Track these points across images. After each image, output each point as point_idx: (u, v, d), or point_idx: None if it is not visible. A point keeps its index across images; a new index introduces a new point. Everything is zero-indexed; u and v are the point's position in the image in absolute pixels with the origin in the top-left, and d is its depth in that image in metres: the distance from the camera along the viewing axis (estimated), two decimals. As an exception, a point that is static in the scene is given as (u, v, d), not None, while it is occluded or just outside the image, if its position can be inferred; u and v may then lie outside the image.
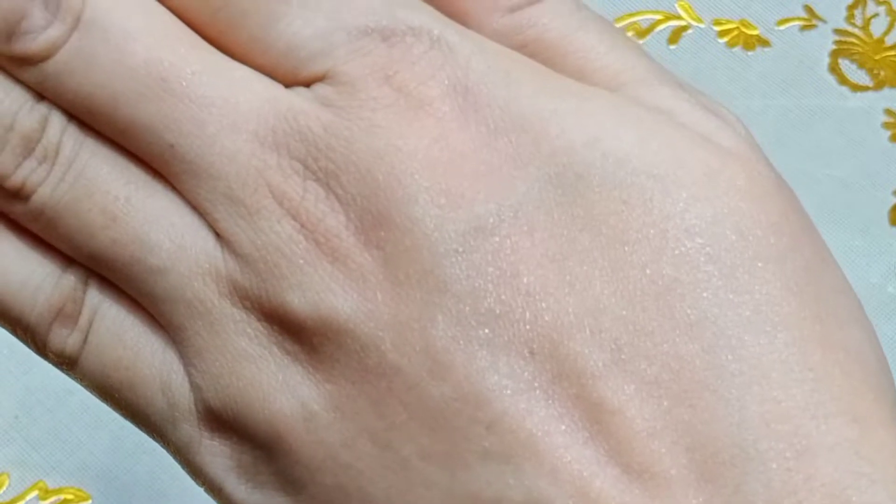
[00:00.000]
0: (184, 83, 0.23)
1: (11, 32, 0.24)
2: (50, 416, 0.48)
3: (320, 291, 0.22)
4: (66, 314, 0.25)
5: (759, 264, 0.22)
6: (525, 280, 0.22)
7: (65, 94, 0.24)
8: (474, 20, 0.24)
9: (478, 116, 0.23)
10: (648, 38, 0.48)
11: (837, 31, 0.48)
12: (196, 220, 0.23)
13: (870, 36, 0.48)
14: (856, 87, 0.47)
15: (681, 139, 0.22)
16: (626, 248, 0.22)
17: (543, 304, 0.22)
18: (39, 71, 0.24)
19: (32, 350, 0.25)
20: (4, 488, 0.47)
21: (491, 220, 0.22)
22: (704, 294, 0.21)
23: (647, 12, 0.48)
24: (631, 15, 0.48)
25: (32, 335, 0.25)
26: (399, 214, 0.22)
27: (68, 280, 0.25)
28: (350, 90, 0.23)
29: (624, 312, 0.22)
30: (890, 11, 0.48)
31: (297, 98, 0.23)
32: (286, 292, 0.23)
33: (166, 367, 0.24)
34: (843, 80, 0.47)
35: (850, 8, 0.48)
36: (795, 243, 0.22)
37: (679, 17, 0.48)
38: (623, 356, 0.21)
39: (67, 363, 0.25)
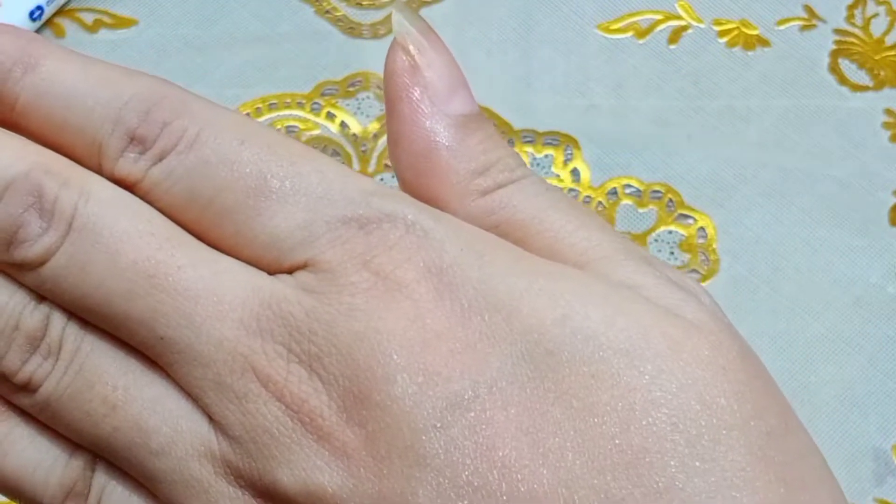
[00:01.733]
0: (170, 278, 0.25)
1: (10, 241, 0.25)
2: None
3: (307, 468, 0.23)
4: (77, 493, 0.26)
5: (724, 431, 0.23)
6: (501, 453, 0.23)
7: (62, 294, 0.25)
8: (448, 204, 0.26)
9: (452, 296, 0.24)
10: (648, 38, 0.48)
11: (837, 31, 0.48)
12: (190, 405, 0.25)
13: (870, 36, 0.48)
14: (856, 87, 0.47)
15: (646, 314, 0.24)
16: (596, 420, 0.23)
17: (519, 476, 0.23)
18: (38, 275, 0.25)
19: None
20: (5, 488, 0.47)
21: (467, 396, 0.23)
22: (672, 462, 0.22)
23: (647, 12, 0.48)
24: (631, 15, 0.48)
25: None
26: (379, 393, 0.23)
27: (77, 463, 0.26)
28: (330, 276, 0.24)
29: (595, 482, 0.22)
30: (890, 11, 0.48)
31: (280, 285, 0.24)
32: (276, 470, 0.24)
33: None
34: (843, 80, 0.47)
35: (850, 8, 0.48)
36: (758, 410, 0.23)
37: (679, 17, 0.48)
38: None
39: None
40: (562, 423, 0.23)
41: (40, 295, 0.26)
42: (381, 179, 0.26)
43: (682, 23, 0.48)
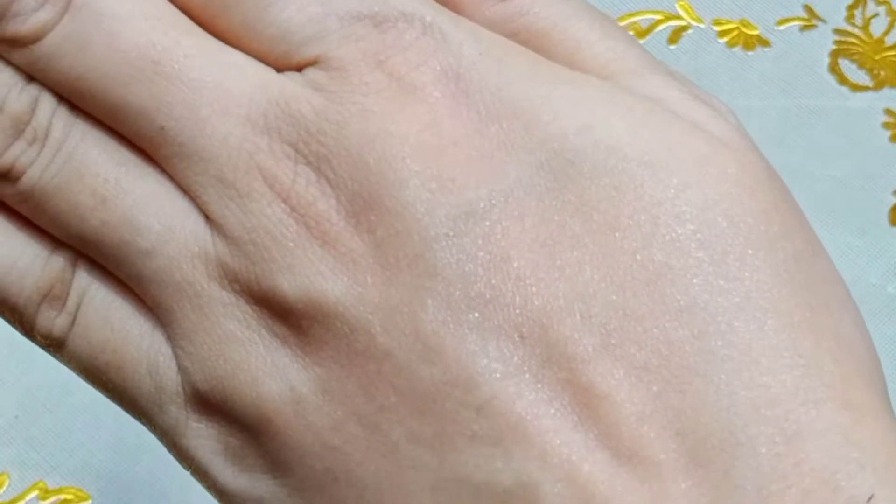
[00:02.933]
0: (176, 66, 0.23)
1: (1, 14, 0.24)
2: (50, 416, 0.48)
3: (310, 275, 0.22)
4: (55, 296, 0.25)
5: (750, 251, 0.22)
6: (515, 265, 0.22)
7: (55, 75, 0.24)
8: (467, 8, 0.24)
9: (469, 102, 0.23)
10: (648, 38, 0.48)
11: (837, 31, 0.48)
12: (186, 203, 0.23)
13: (870, 36, 0.48)
14: (856, 87, 0.47)
15: (671, 127, 0.23)
16: (617, 234, 0.22)
17: (533, 289, 0.22)
18: (30, 53, 0.24)
19: (19, 332, 0.25)
20: (4, 488, 0.47)
21: (482, 205, 0.22)
22: (695, 280, 0.21)
23: (647, 12, 0.48)
24: (631, 15, 0.48)
25: (20, 316, 0.25)
26: (390, 198, 0.22)
27: (57, 262, 0.25)
28: (342, 75, 0.23)
29: (614, 297, 0.22)
30: (890, 11, 0.48)
31: (288, 82, 0.23)
32: (276, 275, 0.23)
33: (154, 349, 0.24)
34: (843, 80, 0.47)
35: (850, 8, 0.48)
36: (786, 232, 0.22)
37: (679, 17, 0.48)
38: (613, 341, 0.21)
39: (55, 345, 0.25)
40: (581, 237, 0.22)
41: (30, 76, 0.24)
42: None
43: (682, 23, 0.48)
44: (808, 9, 0.48)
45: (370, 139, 0.22)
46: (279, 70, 0.23)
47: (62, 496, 0.47)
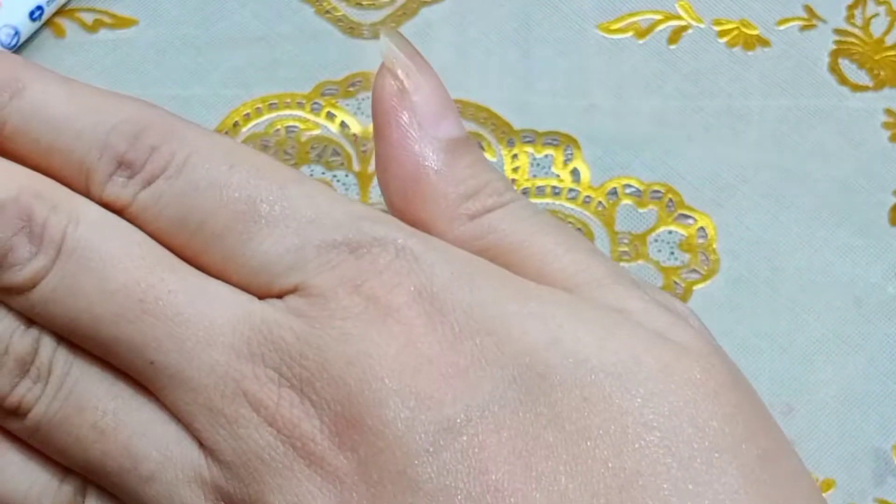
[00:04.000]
0: (160, 303, 0.25)
1: None
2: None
3: (299, 494, 0.23)
4: None
5: (716, 455, 0.23)
6: (493, 476, 0.23)
7: (52, 318, 0.25)
8: (437, 228, 0.26)
9: (444, 321, 0.24)
10: (648, 38, 0.48)
11: (837, 31, 0.48)
12: (180, 430, 0.25)
13: (870, 36, 0.48)
14: (856, 87, 0.47)
15: (636, 338, 0.24)
16: (589, 444, 0.23)
17: (512, 500, 0.23)
18: (27, 299, 0.25)
19: None
20: (5, 488, 0.47)
21: (459, 420, 0.23)
22: (664, 485, 0.22)
23: (647, 12, 0.48)
24: (631, 15, 0.48)
25: None
26: (371, 417, 0.23)
27: (67, 488, 0.26)
28: (321, 301, 0.24)
29: None
30: (890, 11, 0.48)
31: (270, 310, 0.24)
32: (267, 496, 0.24)
33: None
34: (843, 80, 0.47)
35: (850, 8, 0.48)
36: (750, 433, 0.23)
37: (679, 17, 0.48)
38: None
39: None
40: (555, 447, 0.23)
41: (29, 319, 0.25)
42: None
43: (682, 23, 0.48)
44: (808, 9, 0.48)
45: (350, 361, 0.23)
46: (261, 298, 0.25)
47: (62, 496, 0.47)
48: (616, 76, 0.47)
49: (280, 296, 0.25)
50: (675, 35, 0.48)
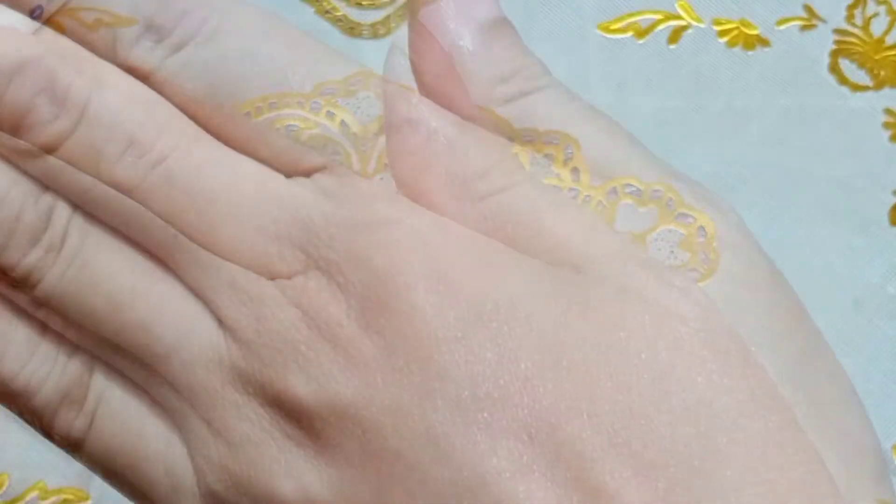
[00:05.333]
0: (187, 175, 0.23)
1: (18, 125, 0.24)
2: (50, 416, 0.48)
3: (322, 377, 0.23)
4: (72, 398, 0.25)
5: (753, 349, 0.22)
6: (523, 365, 0.22)
7: (70, 185, 0.24)
8: (470, 111, 0.25)
9: (475, 207, 0.23)
10: (648, 38, 0.48)
11: (837, 31, 0.48)
12: (200, 308, 0.24)
13: (870, 36, 0.48)
14: (856, 87, 0.47)
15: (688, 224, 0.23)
16: (622, 335, 0.22)
17: (541, 389, 0.22)
18: (45, 162, 0.24)
19: (39, 432, 0.26)
20: (4, 488, 0.47)
21: (489, 307, 0.22)
22: (699, 379, 0.22)
23: (647, 12, 0.48)
24: (631, 15, 0.48)
25: (39, 418, 0.25)
26: (399, 301, 0.22)
27: (74, 365, 0.25)
28: (350, 181, 0.23)
29: (620, 397, 0.22)
30: (890, 11, 0.48)
31: (298, 188, 0.23)
32: (289, 378, 0.23)
33: (170, 450, 0.24)
34: (843, 80, 0.47)
35: (850, 8, 0.48)
36: (790, 329, 0.23)
37: (679, 17, 0.48)
38: (620, 440, 0.21)
39: (73, 446, 0.25)
40: (586, 339, 0.22)
41: (45, 185, 0.24)
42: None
43: (682, 23, 0.48)
44: (808, 9, 0.48)
45: (379, 243, 0.23)
46: (288, 176, 0.24)
47: (62, 496, 0.47)
48: (616, 76, 0.47)
49: (308, 174, 0.24)
50: (675, 35, 0.48)
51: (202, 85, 0.24)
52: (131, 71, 0.24)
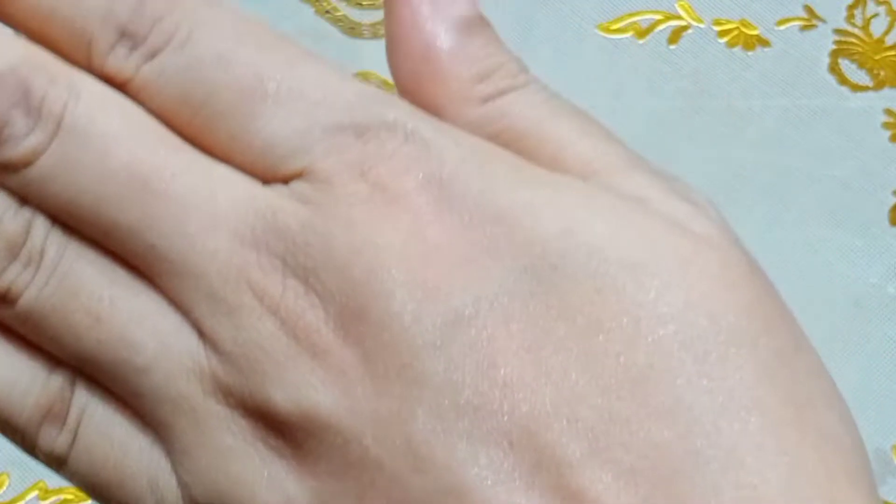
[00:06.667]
0: (164, 184, 0.23)
1: None
2: (50, 417, 0.48)
3: (302, 387, 0.22)
4: (55, 414, 0.25)
5: (732, 349, 0.22)
6: (502, 371, 0.22)
7: (47, 198, 0.24)
8: (448, 112, 0.25)
9: (453, 209, 0.23)
10: (648, 38, 0.48)
11: (837, 31, 0.48)
12: (179, 319, 0.24)
13: (870, 36, 0.48)
14: (856, 87, 0.47)
15: (653, 227, 0.23)
16: (601, 337, 0.22)
17: (520, 395, 0.22)
18: (22, 176, 0.24)
19: (22, 449, 0.25)
20: (4, 488, 0.47)
21: (467, 312, 0.22)
22: (678, 381, 0.22)
23: (647, 12, 0.48)
24: (631, 15, 0.48)
25: (22, 435, 0.25)
26: (377, 309, 0.22)
27: (56, 381, 0.25)
28: (327, 186, 0.23)
29: (600, 401, 0.22)
30: (890, 11, 0.48)
31: (275, 195, 0.23)
32: (268, 389, 0.23)
33: (154, 464, 0.24)
34: (843, 80, 0.47)
35: (850, 8, 0.48)
36: (768, 327, 0.23)
37: (679, 17, 0.48)
38: (600, 444, 0.21)
39: (57, 462, 0.25)
40: (565, 340, 0.22)
41: (23, 199, 0.24)
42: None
43: (682, 23, 0.48)
44: (808, 9, 0.48)
45: (356, 250, 0.23)
46: (266, 182, 0.24)
47: (62, 496, 0.47)
48: (616, 76, 0.47)
49: (285, 180, 0.24)
50: (675, 35, 0.48)
51: (178, 91, 0.24)
52: (107, 79, 0.24)
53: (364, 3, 0.48)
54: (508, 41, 0.48)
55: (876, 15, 0.48)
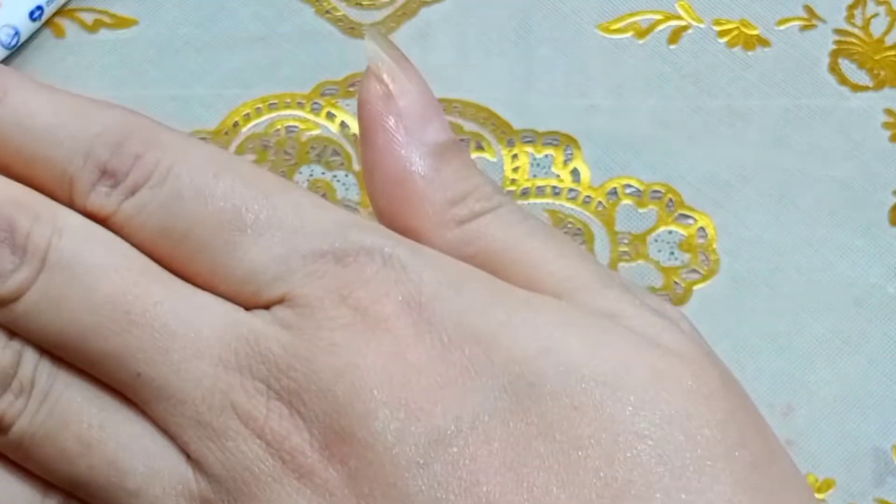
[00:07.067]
0: (147, 314, 0.24)
1: None
2: (50, 417, 0.48)
3: None
4: None
5: (709, 463, 0.22)
6: (485, 489, 0.22)
7: (35, 331, 0.25)
8: (425, 235, 0.25)
9: (432, 330, 0.23)
10: (648, 38, 0.48)
11: (837, 31, 0.48)
12: (167, 443, 0.24)
13: (870, 36, 0.48)
14: (856, 87, 0.47)
15: (627, 344, 0.23)
16: (580, 453, 0.22)
17: None
18: (9, 311, 0.25)
19: None
20: None
21: (449, 431, 0.23)
22: (657, 495, 0.22)
23: (647, 12, 0.48)
24: (631, 15, 0.48)
25: None
26: (360, 429, 0.23)
27: None
28: (308, 312, 0.24)
29: None
30: (890, 11, 0.48)
31: (257, 321, 0.24)
32: None
33: None
34: (843, 80, 0.47)
35: (850, 8, 0.48)
36: (743, 439, 0.23)
37: (679, 17, 0.48)
38: None
39: None
40: (546, 457, 0.22)
41: (11, 331, 0.25)
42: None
43: (682, 23, 0.48)
44: (808, 9, 0.48)
45: (338, 373, 0.23)
46: (248, 308, 0.24)
47: (62, 496, 0.47)
48: (616, 76, 0.47)
49: (267, 306, 0.24)
50: (675, 35, 0.48)
51: (159, 225, 0.25)
52: (89, 216, 0.25)
53: (364, 3, 0.48)
54: (508, 41, 0.48)
55: (876, 15, 0.48)
